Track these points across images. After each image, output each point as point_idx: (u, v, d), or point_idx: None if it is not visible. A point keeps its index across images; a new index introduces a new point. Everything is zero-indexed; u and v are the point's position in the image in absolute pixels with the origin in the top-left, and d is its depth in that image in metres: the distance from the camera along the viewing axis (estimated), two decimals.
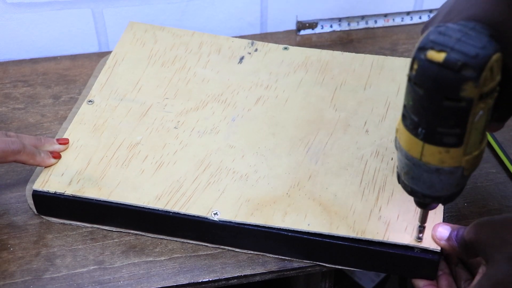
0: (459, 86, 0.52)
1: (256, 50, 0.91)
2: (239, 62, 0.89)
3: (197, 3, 1.00)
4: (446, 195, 0.60)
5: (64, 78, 0.94)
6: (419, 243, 0.68)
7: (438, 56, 0.53)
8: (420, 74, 0.54)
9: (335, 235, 0.69)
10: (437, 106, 0.54)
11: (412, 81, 0.55)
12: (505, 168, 0.82)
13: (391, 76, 0.87)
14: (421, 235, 0.68)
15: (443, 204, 0.63)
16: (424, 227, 0.67)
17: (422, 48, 0.54)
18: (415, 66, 0.54)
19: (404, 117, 0.57)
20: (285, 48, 0.91)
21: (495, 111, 0.61)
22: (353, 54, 0.91)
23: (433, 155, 0.57)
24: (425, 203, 0.64)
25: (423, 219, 0.67)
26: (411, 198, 0.66)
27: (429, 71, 0.53)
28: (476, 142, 0.57)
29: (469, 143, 0.56)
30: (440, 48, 0.53)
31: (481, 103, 0.54)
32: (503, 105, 0.61)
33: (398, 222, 0.70)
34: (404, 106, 0.57)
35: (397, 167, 0.62)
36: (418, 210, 0.68)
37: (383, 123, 0.81)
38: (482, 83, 0.53)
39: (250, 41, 0.92)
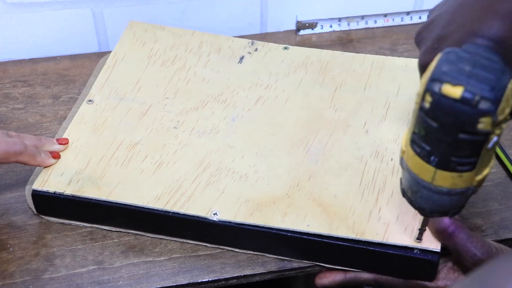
0: (476, 121, 0.51)
1: (256, 49, 0.91)
2: (239, 62, 0.89)
3: (197, 3, 1.00)
4: (453, 211, 0.60)
5: (64, 78, 0.94)
6: (419, 244, 0.68)
7: (454, 91, 0.51)
8: (435, 107, 0.52)
9: (335, 236, 0.69)
10: (452, 139, 0.52)
11: (425, 112, 0.53)
12: (505, 168, 0.82)
13: (391, 77, 0.87)
14: (421, 236, 0.68)
15: (450, 217, 0.63)
16: (424, 230, 0.67)
17: (436, 80, 0.52)
18: (429, 99, 0.52)
19: (414, 143, 0.56)
20: (285, 48, 0.91)
21: None
22: (353, 54, 0.90)
23: (445, 179, 0.56)
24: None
25: (424, 224, 0.67)
26: None
27: (445, 106, 0.51)
28: (488, 162, 0.56)
29: (482, 165, 0.55)
30: (455, 82, 0.51)
31: (496, 129, 0.53)
32: None
33: (398, 223, 0.70)
34: (414, 133, 0.55)
35: (401, 183, 0.60)
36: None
37: (383, 123, 0.81)
38: (500, 113, 0.52)
39: (250, 40, 0.92)
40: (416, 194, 0.59)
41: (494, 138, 0.53)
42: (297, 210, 0.71)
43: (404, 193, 0.61)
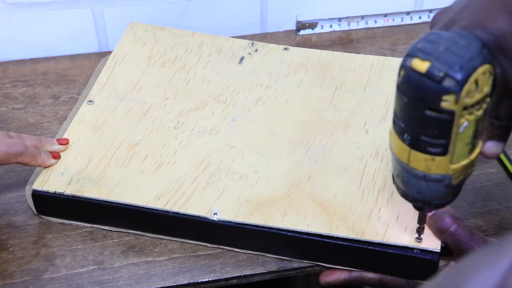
0: (440, 97, 0.52)
1: (256, 50, 0.91)
2: (239, 62, 0.89)
3: (197, 3, 1.00)
4: (436, 202, 0.60)
5: (64, 78, 0.94)
6: (419, 244, 0.68)
7: (421, 65, 0.52)
8: (404, 82, 0.53)
9: (335, 235, 0.69)
10: (420, 115, 0.53)
11: (398, 87, 0.54)
12: (505, 168, 0.82)
13: (391, 77, 0.87)
14: (420, 235, 0.68)
15: (434, 209, 0.63)
16: (423, 228, 0.67)
17: (409, 55, 0.53)
18: (402, 73, 0.54)
19: (393, 121, 0.57)
20: (285, 49, 0.91)
21: (494, 128, 0.61)
22: (353, 54, 0.90)
23: (419, 161, 0.56)
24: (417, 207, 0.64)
25: (421, 221, 0.67)
26: None
27: (412, 80, 0.53)
28: (464, 152, 0.56)
29: (455, 153, 0.56)
30: (425, 57, 0.52)
31: (466, 114, 0.53)
32: (503, 120, 0.61)
33: (398, 223, 0.70)
34: (394, 111, 0.57)
35: (392, 169, 0.62)
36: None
37: (383, 123, 0.81)
38: (465, 95, 0.52)
39: (250, 41, 0.92)
40: (398, 177, 0.60)
41: (465, 123, 0.53)
42: (297, 210, 0.71)
43: (393, 179, 0.62)
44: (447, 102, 0.52)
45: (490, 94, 0.55)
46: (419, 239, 0.68)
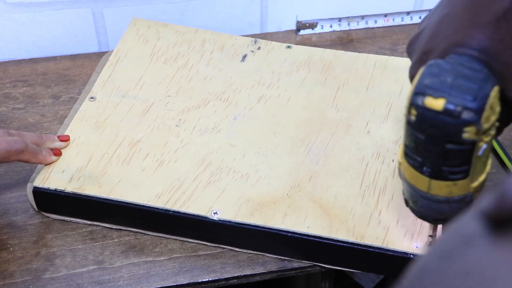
0: (461, 130, 0.52)
1: (259, 48, 0.90)
2: (241, 60, 0.89)
3: (197, 3, 1.00)
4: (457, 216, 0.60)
5: (64, 78, 0.93)
6: (417, 250, 0.68)
7: (436, 103, 0.52)
8: (420, 121, 0.53)
9: (335, 238, 0.69)
10: (440, 149, 0.53)
11: (412, 125, 0.54)
12: (505, 168, 0.82)
13: (394, 77, 0.86)
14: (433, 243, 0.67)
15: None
16: (435, 236, 0.66)
17: (419, 94, 0.53)
18: (414, 112, 0.53)
19: (406, 155, 0.57)
20: (288, 47, 0.91)
21: None
22: (356, 53, 0.90)
23: (440, 188, 0.56)
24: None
25: (434, 232, 0.66)
26: None
27: (429, 119, 0.53)
28: (482, 168, 0.57)
29: (475, 172, 0.56)
30: (437, 94, 0.52)
31: (484, 137, 0.54)
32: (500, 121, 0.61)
33: (398, 227, 0.70)
34: (406, 145, 0.56)
35: (403, 193, 0.61)
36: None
37: (385, 124, 0.80)
38: (484, 122, 0.52)
39: (253, 39, 0.92)
40: (416, 203, 0.59)
41: (484, 146, 0.54)
42: (297, 211, 0.71)
43: (407, 203, 0.62)
44: (468, 133, 0.52)
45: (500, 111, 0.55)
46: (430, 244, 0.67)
